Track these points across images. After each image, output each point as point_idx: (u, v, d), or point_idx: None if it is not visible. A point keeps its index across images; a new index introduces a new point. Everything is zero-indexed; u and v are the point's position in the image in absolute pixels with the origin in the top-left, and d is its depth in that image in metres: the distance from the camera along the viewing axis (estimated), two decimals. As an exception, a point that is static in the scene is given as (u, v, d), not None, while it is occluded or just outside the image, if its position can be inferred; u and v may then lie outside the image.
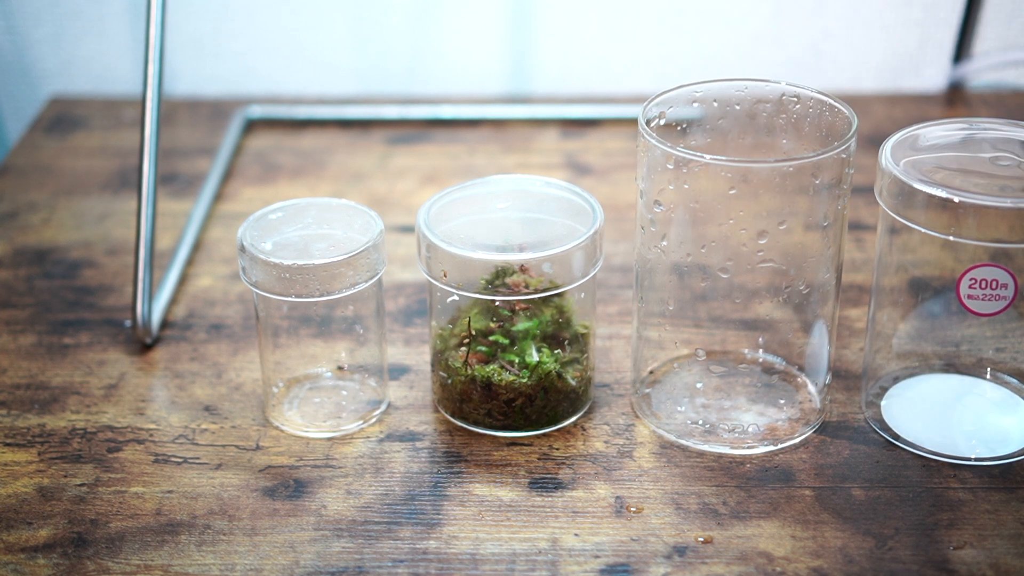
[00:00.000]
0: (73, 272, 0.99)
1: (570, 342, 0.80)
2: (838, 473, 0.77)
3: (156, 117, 0.91)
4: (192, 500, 0.76)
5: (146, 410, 0.84)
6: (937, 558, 0.71)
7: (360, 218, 0.81)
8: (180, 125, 1.22)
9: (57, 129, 1.21)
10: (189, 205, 1.07)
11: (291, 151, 1.17)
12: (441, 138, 1.18)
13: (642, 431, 0.81)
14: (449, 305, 0.81)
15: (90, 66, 1.29)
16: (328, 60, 1.29)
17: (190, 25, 1.27)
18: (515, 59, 1.28)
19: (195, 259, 1.00)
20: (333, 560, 0.72)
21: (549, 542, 0.73)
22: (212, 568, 0.71)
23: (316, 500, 0.76)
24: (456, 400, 0.81)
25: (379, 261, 0.79)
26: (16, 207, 1.09)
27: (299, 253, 0.78)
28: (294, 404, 0.84)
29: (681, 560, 0.71)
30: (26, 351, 0.90)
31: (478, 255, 0.76)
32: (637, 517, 0.74)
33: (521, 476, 0.78)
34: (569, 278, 0.78)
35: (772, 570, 0.70)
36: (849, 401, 0.83)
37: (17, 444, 0.81)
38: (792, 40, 1.27)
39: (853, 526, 0.73)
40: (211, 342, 0.90)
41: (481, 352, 0.79)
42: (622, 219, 1.03)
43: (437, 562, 0.72)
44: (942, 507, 0.74)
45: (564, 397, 0.80)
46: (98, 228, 1.05)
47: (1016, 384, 0.82)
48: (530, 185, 0.83)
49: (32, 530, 0.74)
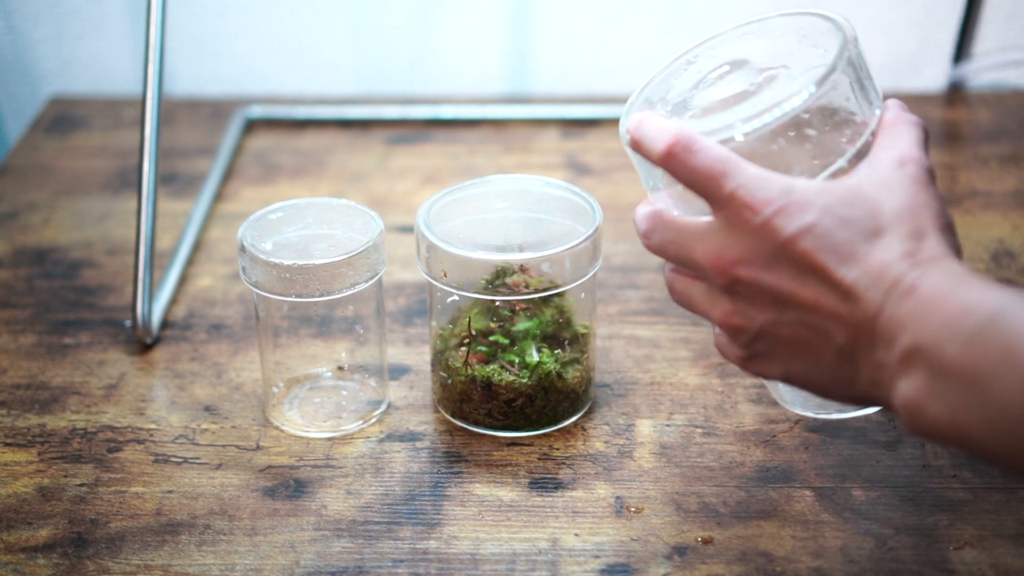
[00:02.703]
0: (73, 272, 0.99)
1: (570, 342, 0.80)
2: (838, 473, 0.77)
3: (156, 117, 0.91)
4: (192, 500, 0.76)
5: (146, 410, 0.84)
6: (937, 558, 0.71)
7: (360, 218, 0.81)
8: (180, 125, 1.22)
9: (57, 129, 1.21)
10: (189, 205, 1.07)
11: (291, 151, 1.17)
12: (441, 138, 1.18)
13: (642, 431, 0.81)
14: (449, 305, 0.81)
15: (90, 66, 1.29)
16: (328, 60, 1.29)
17: (190, 25, 1.27)
18: (515, 59, 1.28)
19: (195, 259, 1.00)
20: (333, 560, 0.72)
21: (549, 542, 0.73)
22: (212, 568, 0.71)
23: (316, 500, 0.76)
24: (456, 400, 0.81)
25: (379, 261, 0.79)
26: (16, 207, 1.09)
27: (299, 253, 0.78)
28: (294, 404, 0.84)
29: (681, 560, 0.71)
30: (26, 351, 0.90)
31: (478, 255, 0.76)
32: (637, 517, 0.74)
33: (521, 476, 0.78)
34: (569, 278, 0.78)
35: (772, 570, 0.70)
36: (849, 401, 0.83)
37: (17, 444, 0.81)
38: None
39: (853, 526, 0.73)
40: (211, 342, 0.90)
41: (481, 352, 0.79)
42: (622, 219, 1.03)
43: (437, 562, 0.72)
44: (942, 507, 0.74)
45: (564, 397, 0.80)
46: (98, 228, 1.05)
47: None
48: (530, 185, 0.83)
49: (32, 530, 0.74)
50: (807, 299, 0.61)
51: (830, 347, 0.62)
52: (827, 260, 0.60)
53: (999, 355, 0.55)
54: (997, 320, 0.56)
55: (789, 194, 0.61)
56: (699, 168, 0.62)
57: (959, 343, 0.56)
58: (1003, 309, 0.56)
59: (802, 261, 0.61)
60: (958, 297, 0.58)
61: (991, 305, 0.56)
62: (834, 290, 0.60)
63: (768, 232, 0.61)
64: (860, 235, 0.60)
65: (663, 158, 0.63)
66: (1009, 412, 0.55)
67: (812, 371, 0.64)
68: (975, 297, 0.57)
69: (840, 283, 0.60)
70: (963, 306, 0.57)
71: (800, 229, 0.60)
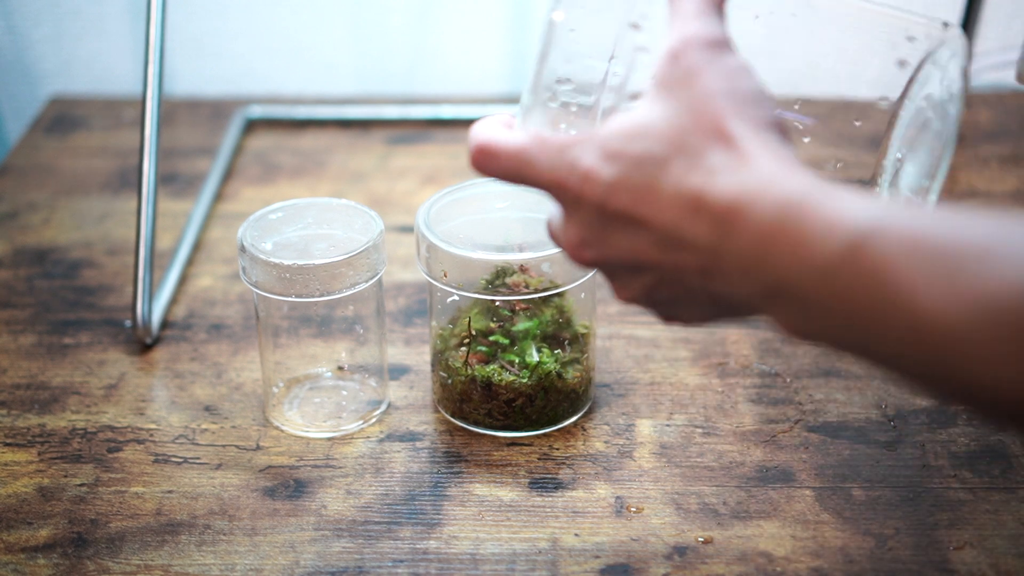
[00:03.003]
0: (73, 272, 0.99)
1: (570, 342, 0.80)
2: (838, 473, 0.77)
3: (156, 117, 0.91)
4: (192, 500, 0.76)
5: (146, 410, 0.84)
6: (937, 558, 0.71)
7: (360, 218, 0.81)
8: (180, 125, 1.22)
9: (57, 129, 1.21)
10: (189, 205, 1.07)
11: (291, 151, 1.17)
12: (441, 138, 1.18)
13: (642, 431, 0.81)
14: (449, 305, 0.81)
15: (90, 66, 1.29)
16: (328, 60, 1.29)
17: (190, 25, 1.27)
18: (515, 59, 1.28)
19: (195, 259, 1.00)
20: (333, 560, 0.72)
21: (549, 542, 0.73)
22: (212, 568, 0.71)
23: (316, 500, 0.76)
24: (456, 400, 0.81)
25: (379, 261, 0.79)
26: (16, 207, 1.09)
27: (299, 253, 0.78)
28: (294, 404, 0.84)
29: (681, 560, 0.71)
30: (26, 351, 0.90)
31: (478, 255, 0.76)
32: (637, 517, 0.74)
33: (521, 476, 0.78)
34: (569, 278, 0.78)
35: (772, 570, 0.70)
36: (849, 401, 0.83)
37: (17, 444, 0.81)
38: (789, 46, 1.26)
39: (853, 526, 0.73)
40: (211, 342, 0.90)
41: (481, 352, 0.79)
42: (622, 219, 1.03)
43: (437, 562, 0.72)
44: (942, 507, 0.74)
45: (564, 397, 0.80)
46: (98, 228, 1.05)
47: None
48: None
49: (32, 530, 0.74)
50: (652, 257, 0.55)
51: (703, 294, 0.56)
52: (643, 211, 0.54)
53: (864, 290, 0.48)
54: (856, 252, 0.48)
55: (578, 160, 0.56)
56: (505, 170, 0.59)
57: (817, 278, 0.49)
58: (858, 241, 0.48)
59: (626, 219, 0.55)
60: (796, 226, 0.50)
61: (842, 234, 0.49)
62: (664, 238, 0.54)
63: (586, 206, 0.56)
64: (655, 169, 0.54)
65: (475, 167, 0.60)
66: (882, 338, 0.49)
67: (711, 313, 0.58)
68: (819, 224, 0.49)
69: (664, 229, 0.54)
70: (808, 237, 0.50)
71: (605, 190, 0.55)
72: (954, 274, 0.46)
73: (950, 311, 0.46)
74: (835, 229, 0.49)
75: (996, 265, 0.46)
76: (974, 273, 0.46)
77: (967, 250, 0.46)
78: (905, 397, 0.83)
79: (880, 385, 0.84)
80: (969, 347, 0.46)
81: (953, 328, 0.46)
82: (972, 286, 0.46)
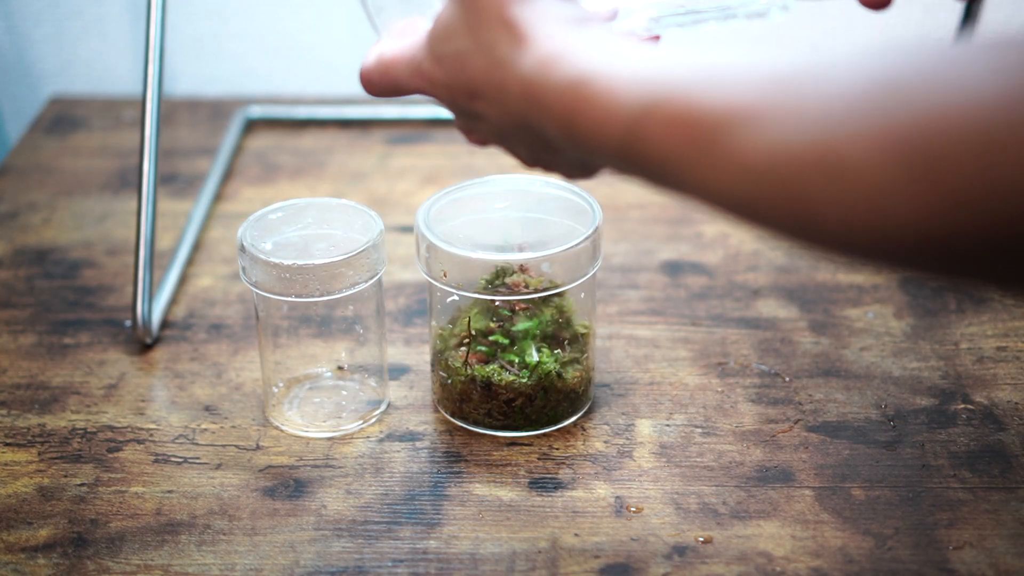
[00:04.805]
0: (73, 272, 0.99)
1: (570, 342, 0.80)
2: (838, 473, 0.77)
3: (156, 117, 0.91)
4: (192, 500, 0.76)
5: (146, 410, 0.84)
6: (937, 558, 0.71)
7: (360, 218, 0.81)
8: (180, 125, 1.22)
9: (57, 129, 1.21)
10: (189, 205, 1.07)
11: (291, 151, 1.17)
12: (441, 138, 1.18)
13: (642, 431, 0.81)
14: (449, 305, 0.81)
15: (90, 66, 1.29)
16: (328, 60, 1.29)
17: (190, 25, 1.27)
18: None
19: (195, 259, 1.00)
20: (333, 560, 0.72)
21: (549, 542, 0.73)
22: (212, 568, 0.71)
23: (316, 500, 0.76)
24: (456, 400, 0.81)
25: (379, 261, 0.79)
26: (16, 207, 1.09)
27: (299, 253, 0.78)
28: (294, 404, 0.84)
29: (681, 560, 0.71)
30: (26, 351, 0.90)
31: (478, 255, 0.76)
32: (637, 517, 0.74)
33: (521, 476, 0.78)
34: (569, 278, 0.78)
35: (772, 570, 0.70)
36: (848, 401, 0.83)
37: (17, 444, 0.81)
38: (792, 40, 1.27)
39: (853, 526, 0.73)
40: (211, 342, 0.90)
41: (481, 352, 0.79)
42: (622, 219, 1.03)
43: (437, 562, 0.72)
44: (942, 507, 0.74)
45: (564, 397, 0.80)
46: (98, 228, 1.05)
47: None
48: (529, 185, 0.83)
49: (32, 530, 0.74)
50: (512, 134, 0.61)
51: (539, 142, 0.60)
52: (479, 106, 0.60)
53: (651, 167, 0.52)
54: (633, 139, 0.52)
55: (421, 68, 0.62)
56: (383, 91, 0.66)
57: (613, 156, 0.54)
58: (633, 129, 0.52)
59: (473, 113, 0.61)
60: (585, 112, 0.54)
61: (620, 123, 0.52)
62: (509, 120, 0.59)
63: (447, 105, 0.63)
64: (469, 67, 0.59)
65: (366, 91, 0.67)
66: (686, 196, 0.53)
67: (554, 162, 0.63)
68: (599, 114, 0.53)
69: (500, 116, 0.59)
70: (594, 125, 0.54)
71: (448, 93, 0.61)
72: (713, 148, 0.48)
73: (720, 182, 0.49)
74: (612, 120, 0.52)
75: (749, 134, 0.47)
76: (730, 146, 0.48)
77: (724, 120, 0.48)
78: (905, 397, 0.83)
79: (880, 385, 0.84)
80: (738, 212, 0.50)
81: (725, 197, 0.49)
82: (730, 156, 0.48)
